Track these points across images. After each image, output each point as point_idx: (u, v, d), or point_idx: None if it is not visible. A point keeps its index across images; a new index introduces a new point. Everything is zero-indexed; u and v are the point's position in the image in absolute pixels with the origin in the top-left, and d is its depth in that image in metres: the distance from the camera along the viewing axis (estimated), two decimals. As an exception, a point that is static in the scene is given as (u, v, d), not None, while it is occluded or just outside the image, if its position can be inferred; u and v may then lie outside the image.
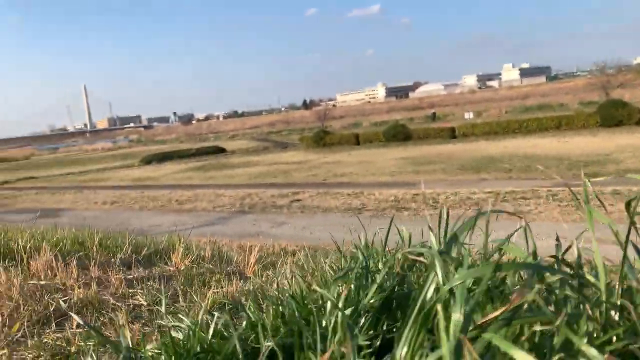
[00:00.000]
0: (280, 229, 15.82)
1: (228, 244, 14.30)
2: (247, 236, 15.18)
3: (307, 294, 1.17)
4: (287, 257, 2.30)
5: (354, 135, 42.71)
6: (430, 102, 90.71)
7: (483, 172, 22.31)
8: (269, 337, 1.04)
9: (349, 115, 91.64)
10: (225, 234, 15.69)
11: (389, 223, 1.51)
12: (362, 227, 1.73)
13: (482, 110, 57.56)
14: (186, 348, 1.04)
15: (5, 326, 1.68)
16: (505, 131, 34.82)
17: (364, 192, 20.03)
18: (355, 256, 1.36)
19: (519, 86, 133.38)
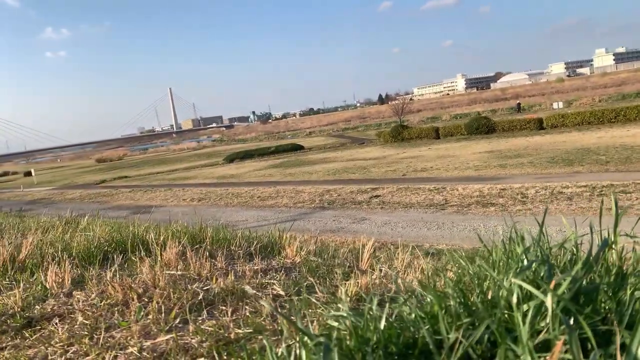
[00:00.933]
0: (360, 225, 15.73)
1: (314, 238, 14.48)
2: (328, 232, 15.26)
3: (472, 284, 1.12)
4: (394, 252, 2.24)
5: (434, 129, 41.60)
6: (514, 93, 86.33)
7: (576, 164, 20.83)
8: (452, 329, 0.99)
9: (427, 108, 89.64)
10: (308, 229, 15.87)
11: (544, 213, 1.44)
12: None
13: (573, 99, 53.85)
14: (365, 337, 1.01)
15: (162, 312, 1.73)
16: (599, 121, 32.28)
17: (447, 187, 19.42)
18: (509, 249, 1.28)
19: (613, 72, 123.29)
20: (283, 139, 79.01)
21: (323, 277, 2.02)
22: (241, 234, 2.95)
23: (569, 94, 63.22)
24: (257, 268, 2.31)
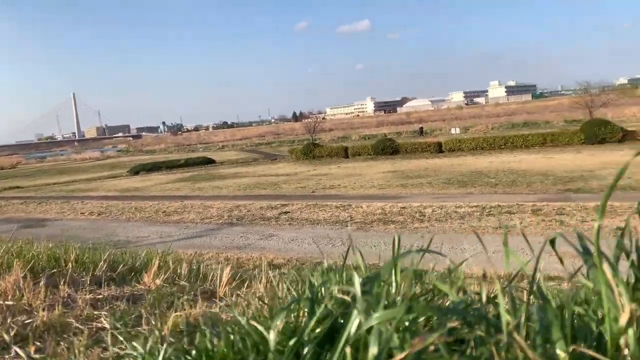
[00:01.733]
0: (268, 241, 15.88)
1: (215, 256, 14.34)
2: (235, 248, 15.24)
3: (264, 320, 1.09)
4: (262, 274, 2.20)
5: (343, 148, 42.99)
6: (418, 117, 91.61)
7: (469, 186, 22.58)
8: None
9: (338, 128, 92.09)
10: (213, 246, 15.74)
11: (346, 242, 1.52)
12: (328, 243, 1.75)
13: (469, 126, 58.34)
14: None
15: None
16: (491, 147, 35.33)
17: (352, 205, 20.18)
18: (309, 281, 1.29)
19: (505, 103, 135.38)
20: (194, 151, 77.11)
21: (169, 306, 1.92)
22: (113, 256, 2.79)
23: (467, 121, 68.42)
24: (102, 296, 2.20)
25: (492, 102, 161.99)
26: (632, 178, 20.23)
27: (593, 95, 43.03)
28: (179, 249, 15.72)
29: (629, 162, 0.84)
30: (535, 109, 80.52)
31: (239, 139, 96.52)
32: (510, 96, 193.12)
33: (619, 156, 26.39)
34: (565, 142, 32.50)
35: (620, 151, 28.09)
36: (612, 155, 27.05)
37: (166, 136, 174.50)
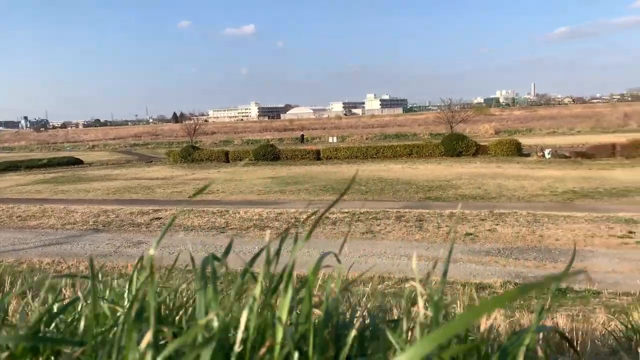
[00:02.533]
0: (137, 249, 15.23)
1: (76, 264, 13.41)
2: (99, 256, 14.38)
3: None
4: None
5: (224, 153, 42.52)
6: (300, 125, 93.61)
7: (343, 193, 23.74)
8: None
9: (221, 131, 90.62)
10: (75, 254, 14.70)
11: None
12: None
13: (347, 135, 61.10)
14: None
15: None
16: (364, 156, 37.43)
17: (230, 211, 20.13)
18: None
19: (379, 115, 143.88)
20: (60, 150, 70.71)
21: None
22: None
23: (345, 131, 71.53)
24: None
25: (368, 114, 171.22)
26: (481, 189, 22.90)
27: (454, 111, 47.68)
28: (34, 257, 14.45)
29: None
30: (405, 121, 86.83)
31: (112, 139, 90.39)
32: (385, 109, 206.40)
33: (472, 168, 29.63)
34: (429, 154, 35.60)
35: (474, 163, 31.53)
36: (467, 166, 30.25)
37: (28, 132, 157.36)
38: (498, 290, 10.66)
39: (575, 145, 36.11)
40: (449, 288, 10.94)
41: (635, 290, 10.15)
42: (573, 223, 15.76)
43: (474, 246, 14.18)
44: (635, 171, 25.36)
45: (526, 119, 72.73)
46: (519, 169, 28.11)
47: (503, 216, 16.98)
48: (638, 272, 11.63)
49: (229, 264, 1.30)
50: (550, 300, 1.12)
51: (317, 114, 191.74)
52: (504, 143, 34.51)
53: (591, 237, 14.31)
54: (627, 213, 16.40)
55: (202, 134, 68.91)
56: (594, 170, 26.14)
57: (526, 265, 12.47)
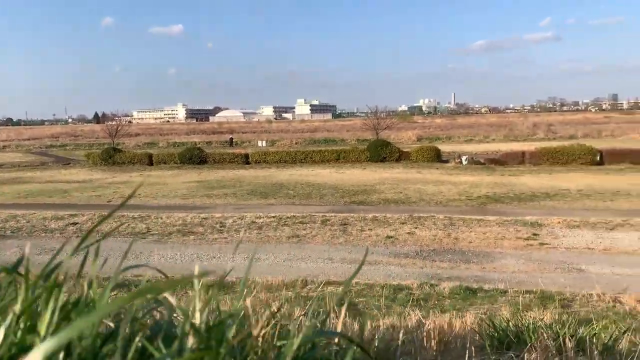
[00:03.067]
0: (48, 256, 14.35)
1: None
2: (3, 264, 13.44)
3: None
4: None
5: (148, 155, 41.08)
6: (230, 128, 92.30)
7: (270, 197, 23.78)
8: None
9: (146, 133, 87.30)
10: (-22, 262, 13.65)
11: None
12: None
13: (277, 140, 61.15)
14: None
15: None
16: (293, 160, 37.67)
17: (152, 216, 19.52)
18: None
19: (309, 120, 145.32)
20: (-38, 151, 64.92)
21: None
22: None
23: (275, 134, 71.50)
24: None
25: (298, 119, 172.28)
26: (402, 193, 23.82)
27: (379, 118, 49.19)
28: None
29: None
30: (334, 127, 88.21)
31: (26, 139, 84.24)
32: (314, 114, 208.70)
33: (395, 173, 30.73)
34: (355, 159, 36.48)
35: (397, 169, 32.71)
36: (390, 172, 31.33)
37: None
38: (415, 291, 11.18)
39: (489, 153, 38.47)
40: (369, 289, 11.36)
41: (537, 288, 11.04)
42: (485, 226, 16.83)
43: (394, 249, 14.75)
44: (541, 177, 27.52)
45: (446, 127, 76.38)
46: (438, 175, 29.55)
47: (422, 220, 17.79)
48: (540, 272, 12.65)
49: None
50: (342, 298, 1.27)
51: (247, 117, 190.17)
52: (424, 150, 36.10)
53: (501, 239, 15.35)
54: (533, 217, 17.76)
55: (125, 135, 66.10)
56: (505, 177, 28.04)
57: (441, 267, 13.16)
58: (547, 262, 13.18)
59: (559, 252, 13.98)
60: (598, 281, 11.18)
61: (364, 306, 9.77)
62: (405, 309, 8.41)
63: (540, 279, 11.52)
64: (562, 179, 26.55)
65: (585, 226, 16.44)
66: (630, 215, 17.48)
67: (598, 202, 20.49)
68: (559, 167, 31.23)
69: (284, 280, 11.32)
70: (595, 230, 16.02)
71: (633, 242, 14.55)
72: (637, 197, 21.03)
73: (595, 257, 13.52)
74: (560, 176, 27.74)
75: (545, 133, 57.56)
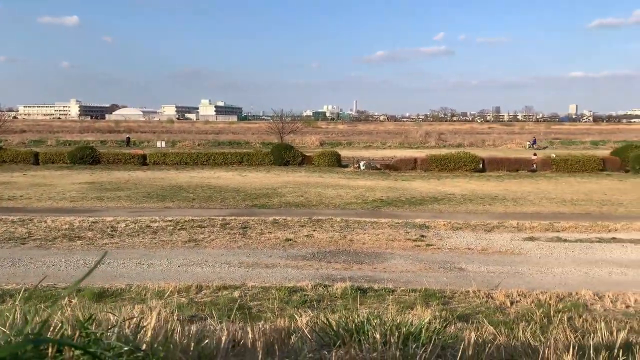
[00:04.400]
0: None
1: None
2: None
3: None
4: None
5: (33, 154, 37.85)
6: (128, 127, 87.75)
7: (168, 200, 23.04)
8: None
9: (33, 130, 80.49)
10: None
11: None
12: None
13: (179, 140, 59.23)
14: None
15: None
16: (195, 162, 36.78)
17: (34, 219, 18.07)
18: None
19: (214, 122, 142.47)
20: None
21: None
22: None
23: (177, 135, 69.21)
24: None
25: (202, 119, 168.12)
26: (303, 197, 24.29)
27: (284, 122, 49.71)
28: None
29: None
30: (240, 129, 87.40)
31: None
32: (219, 115, 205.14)
33: (297, 177, 31.23)
34: (259, 162, 36.49)
35: (299, 173, 33.26)
36: (292, 175, 31.78)
37: None
38: (309, 292, 11.49)
39: (385, 159, 40.43)
40: (265, 292, 11.49)
41: (422, 286, 11.86)
42: (378, 228, 17.71)
43: (292, 251, 15.03)
44: (430, 182, 29.52)
45: (348, 133, 78.94)
46: (338, 179, 30.52)
47: (320, 222, 18.30)
48: (426, 271, 13.59)
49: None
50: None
51: (147, 116, 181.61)
52: (326, 154, 37.09)
53: (392, 240, 16.24)
54: (421, 219, 19.00)
55: (9, 131, 60.57)
56: (398, 181, 29.68)
57: (336, 268, 13.65)
58: (432, 262, 14.18)
59: (442, 253, 15.10)
60: (474, 279, 12.29)
61: (258, 309, 9.89)
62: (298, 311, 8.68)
63: (425, 278, 12.36)
64: (449, 184, 28.70)
65: (467, 228, 17.94)
66: (504, 218, 19.37)
67: (479, 205, 22.42)
68: (446, 173, 33.67)
69: (177, 286, 11.08)
70: (475, 231, 17.54)
71: (506, 243, 16.14)
72: (511, 202, 23.35)
73: (474, 256, 14.78)
74: (447, 182, 29.95)
75: (436, 141, 61.69)
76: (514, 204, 22.91)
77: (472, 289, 11.40)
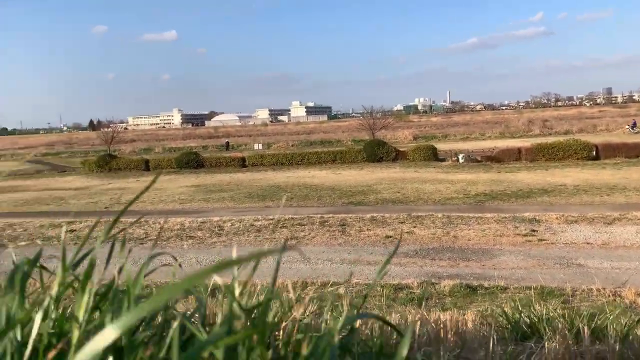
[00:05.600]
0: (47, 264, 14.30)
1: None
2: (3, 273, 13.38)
3: None
4: None
5: (144, 161, 41.03)
6: (225, 132, 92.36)
7: (268, 200, 23.75)
8: None
9: (141, 139, 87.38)
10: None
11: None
12: None
13: (272, 142, 61.15)
14: None
15: None
16: (290, 162, 37.65)
17: (149, 221, 19.45)
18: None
19: (305, 122, 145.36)
20: (-43, 161, 64.83)
21: None
22: None
23: (271, 137, 71.52)
24: None
25: (294, 121, 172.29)
26: (400, 193, 23.83)
27: (375, 118, 49.26)
28: None
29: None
30: (330, 128, 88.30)
31: (22, 148, 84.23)
32: (310, 116, 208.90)
33: (392, 173, 30.75)
34: (351, 160, 36.48)
35: (394, 169, 32.74)
36: (386, 172, 31.35)
37: None
38: (415, 290, 11.16)
39: (485, 150, 38.52)
40: (369, 289, 11.33)
41: (537, 284, 11.03)
42: (484, 224, 16.83)
43: (393, 248, 14.74)
44: (537, 174, 27.58)
45: (442, 125, 76.59)
46: (435, 173, 29.58)
47: (421, 218, 17.79)
48: (539, 267, 12.65)
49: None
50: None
51: (242, 121, 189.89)
52: (421, 149, 36.14)
53: (499, 236, 15.35)
54: (530, 213, 17.78)
55: (120, 142, 66.14)
56: (502, 174, 28.09)
57: (441, 265, 13.16)
58: (546, 258, 13.17)
59: (557, 248, 13.98)
60: (597, 275, 11.20)
61: (365, 306, 9.76)
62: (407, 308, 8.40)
63: (540, 275, 11.51)
64: (559, 175, 26.62)
65: (583, 221, 16.47)
66: (627, 210, 17.53)
67: (595, 197, 20.53)
68: (555, 162, 31.29)
69: (284, 282, 11.29)
70: (593, 225, 16.04)
71: (631, 236, 14.57)
72: (634, 191, 21.09)
73: (594, 251, 13.52)
74: (556, 172, 27.80)
75: (540, 129, 57.75)
76: (637, 193, 20.68)
77: (596, 287, 10.38)
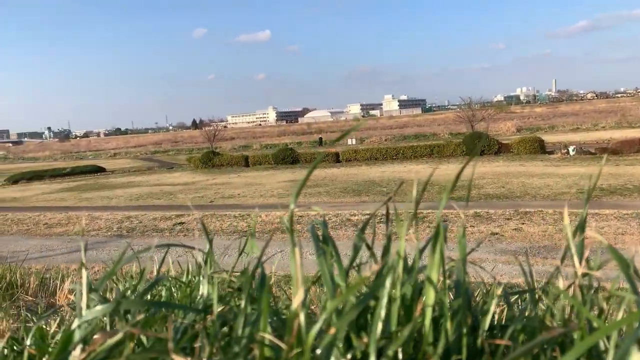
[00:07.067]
0: (158, 254, 15.30)
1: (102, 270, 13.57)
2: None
3: None
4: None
5: (244, 157, 42.77)
6: (318, 128, 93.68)
7: (363, 194, 23.59)
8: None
9: (240, 137, 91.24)
10: (100, 260, 14.85)
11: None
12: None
13: (365, 137, 60.85)
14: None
15: None
16: (384, 157, 37.18)
17: (251, 215, 20.14)
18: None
19: (398, 116, 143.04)
20: (83, 159, 72.19)
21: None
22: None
23: (364, 132, 71.20)
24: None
25: (386, 115, 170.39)
26: (504, 188, 22.50)
27: (474, 110, 47.08)
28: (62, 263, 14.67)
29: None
30: (424, 122, 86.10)
31: (133, 147, 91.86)
32: (403, 109, 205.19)
33: (494, 167, 29.16)
34: (449, 154, 35.18)
35: (497, 162, 31.04)
36: (489, 165, 29.80)
37: (52, 143, 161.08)
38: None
39: (600, 142, 35.27)
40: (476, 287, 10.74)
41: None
42: (602, 221, 15.33)
43: (500, 245, 13.92)
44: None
45: (548, 116, 71.47)
46: (543, 167, 27.57)
47: (529, 215, 16.63)
48: (673, 270, 11.23)
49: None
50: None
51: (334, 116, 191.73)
52: (526, 141, 33.92)
53: (622, 234, 13.90)
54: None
55: (221, 139, 69.45)
56: (621, 167, 25.48)
57: (554, 264, 12.14)
58: (682, 260, 11.66)
59: (696, 249, 12.32)
60: None
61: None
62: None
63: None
64: (691, 167, 23.60)
65: None
66: None
67: None
68: (685, 154, 27.82)
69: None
70: None
71: None
72: None
73: None
74: (688, 164, 24.68)
75: (665, 117, 51.79)
76: None
77: None
